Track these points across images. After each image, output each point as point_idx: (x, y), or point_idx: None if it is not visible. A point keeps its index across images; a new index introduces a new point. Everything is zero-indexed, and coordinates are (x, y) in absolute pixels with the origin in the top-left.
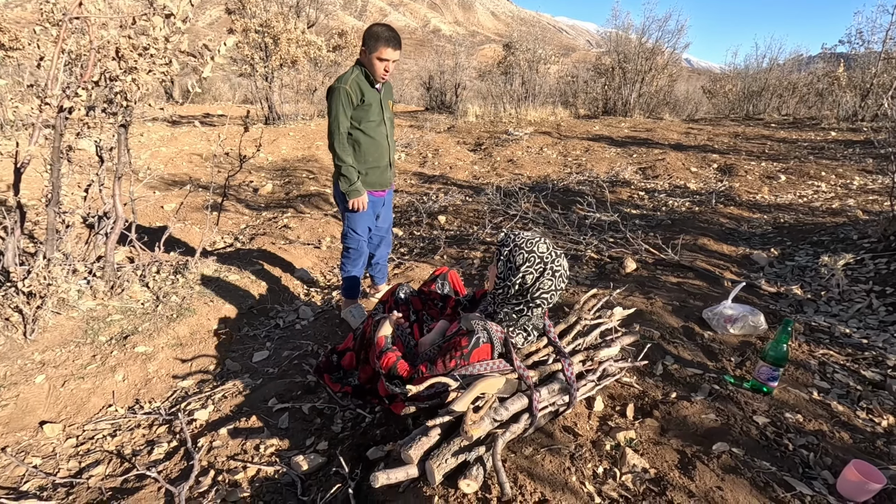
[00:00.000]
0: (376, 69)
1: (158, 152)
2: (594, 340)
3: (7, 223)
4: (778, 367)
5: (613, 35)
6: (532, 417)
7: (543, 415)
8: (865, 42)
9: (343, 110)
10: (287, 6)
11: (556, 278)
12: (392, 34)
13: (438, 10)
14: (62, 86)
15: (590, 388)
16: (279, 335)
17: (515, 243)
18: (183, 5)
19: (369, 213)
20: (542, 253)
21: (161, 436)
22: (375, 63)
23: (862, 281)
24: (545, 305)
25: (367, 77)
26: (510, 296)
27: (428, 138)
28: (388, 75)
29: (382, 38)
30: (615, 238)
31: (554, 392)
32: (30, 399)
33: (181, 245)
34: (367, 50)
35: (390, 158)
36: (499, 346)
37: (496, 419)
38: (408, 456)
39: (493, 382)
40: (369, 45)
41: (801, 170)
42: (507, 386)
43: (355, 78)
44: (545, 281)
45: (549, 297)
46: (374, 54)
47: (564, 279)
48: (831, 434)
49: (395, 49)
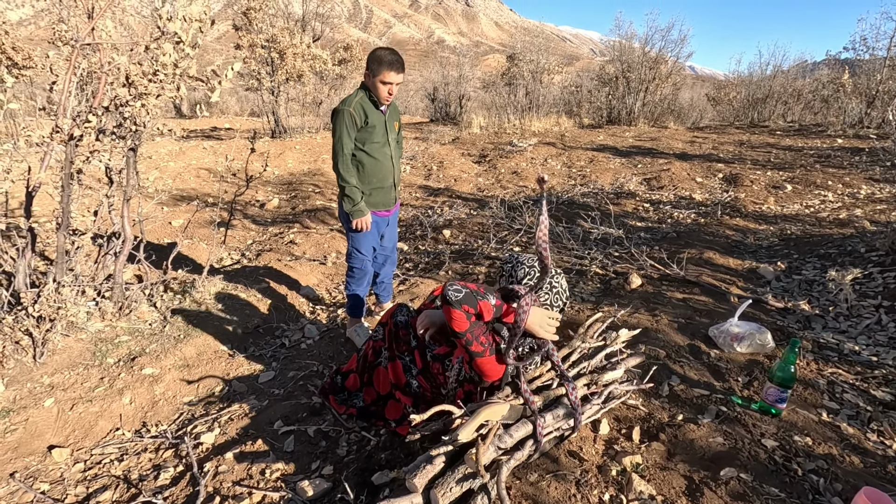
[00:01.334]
0: (380, 92)
1: (167, 167)
2: (599, 363)
3: (19, 245)
4: (786, 389)
5: (617, 44)
6: (536, 444)
7: (548, 440)
8: (870, 49)
9: (347, 132)
10: (293, 21)
11: (553, 293)
12: (395, 58)
13: (442, 21)
14: (72, 113)
15: (595, 411)
16: (285, 355)
17: (518, 260)
18: (192, 31)
19: (373, 233)
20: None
21: (167, 460)
22: (379, 86)
23: (870, 296)
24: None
25: (371, 99)
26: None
27: (433, 150)
28: (391, 98)
29: (385, 62)
30: (620, 252)
31: (559, 417)
32: (39, 423)
33: (189, 262)
34: (371, 73)
35: (395, 179)
36: (511, 368)
37: (500, 447)
38: (412, 484)
39: (497, 409)
40: (373, 68)
41: (808, 179)
42: (511, 412)
43: (359, 100)
44: (542, 294)
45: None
46: (378, 77)
47: (563, 297)
48: (841, 458)
49: (399, 72)
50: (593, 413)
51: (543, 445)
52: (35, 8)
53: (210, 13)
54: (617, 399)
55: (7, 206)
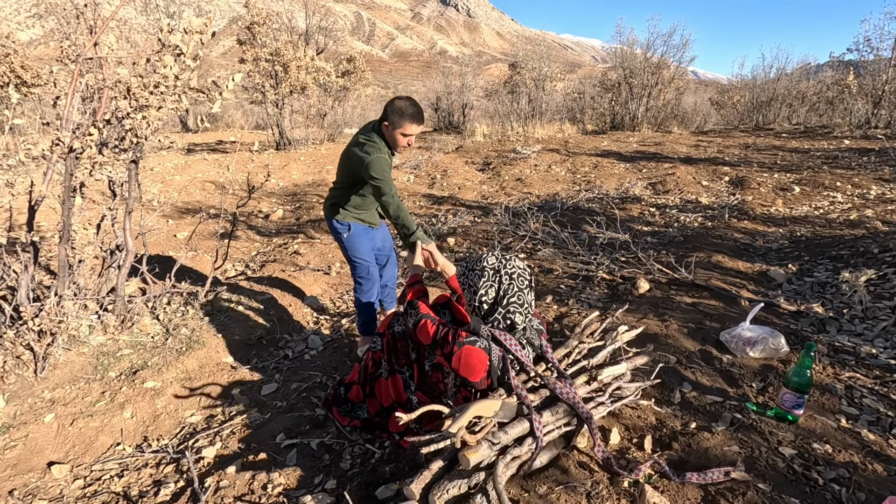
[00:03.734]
0: (399, 143)
1: (172, 180)
2: (600, 361)
3: (22, 259)
4: (802, 394)
5: (619, 50)
6: (536, 441)
7: (552, 439)
8: (874, 49)
9: (389, 174)
10: (296, 35)
11: (516, 279)
12: (416, 109)
13: (445, 32)
14: (74, 126)
15: (602, 411)
16: (288, 366)
17: (468, 268)
18: (193, 44)
19: (366, 238)
20: (492, 263)
21: (168, 475)
22: (399, 138)
23: (886, 297)
24: (520, 310)
25: (387, 145)
26: (485, 316)
27: (436, 159)
28: (409, 148)
29: (408, 115)
30: (627, 257)
31: (559, 414)
32: (38, 439)
33: (193, 274)
34: (392, 125)
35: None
36: (496, 361)
37: (494, 443)
38: (410, 491)
39: (488, 404)
40: (393, 120)
41: (816, 180)
42: (505, 410)
43: (386, 151)
44: (505, 286)
45: (518, 298)
46: (399, 130)
47: (525, 278)
48: (863, 466)
49: (419, 124)
50: (601, 412)
51: (543, 441)
52: (45, 28)
53: (211, 26)
54: (625, 398)
55: (11, 220)
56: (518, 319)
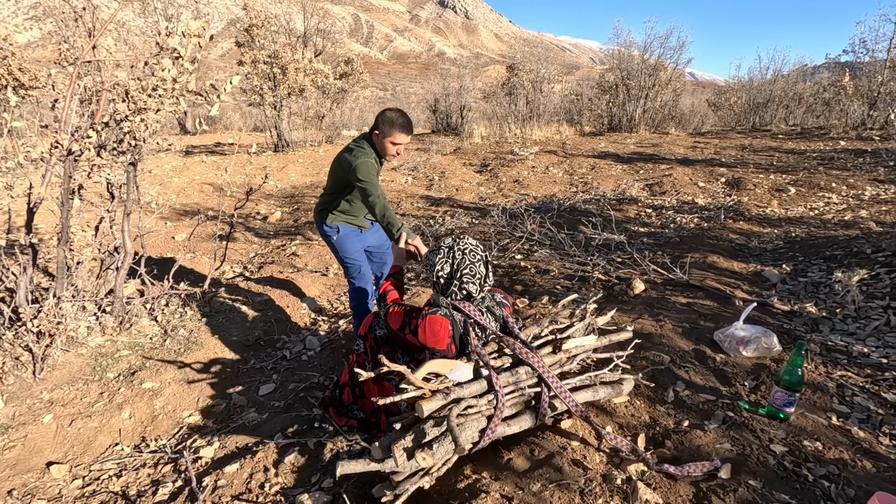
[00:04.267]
0: (389, 151)
1: (171, 182)
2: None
3: (21, 261)
4: (794, 392)
5: (616, 52)
6: (496, 395)
7: (515, 401)
8: (870, 51)
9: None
10: (295, 37)
11: (468, 253)
12: (406, 120)
13: (443, 34)
14: (73, 129)
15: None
16: (286, 367)
17: (429, 250)
18: (191, 46)
19: (356, 238)
20: (448, 242)
21: (166, 475)
22: (388, 146)
23: (878, 297)
24: (473, 280)
25: (376, 152)
26: (443, 290)
27: (434, 161)
28: (397, 157)
29: (397, 125)
30: (623, 258)
31: (519, 375)
32: (37, 439)
33: (191, 275)
34: (382, 134)
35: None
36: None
37: (448, 394)
38: (374, 449)
39: (446, 362)
40: (384, 129)
41: (811, 181)
42: (462, 371)
43: (374, 158)
44: (458, 259)
45: (470, 270)
46: (389, 139)
47: (478, 253)
48: (853, 463)
49: (408, 134)
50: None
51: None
52: (42, 31)
53: (209, 29)
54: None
55: (10, 223)
56: (472, 289)
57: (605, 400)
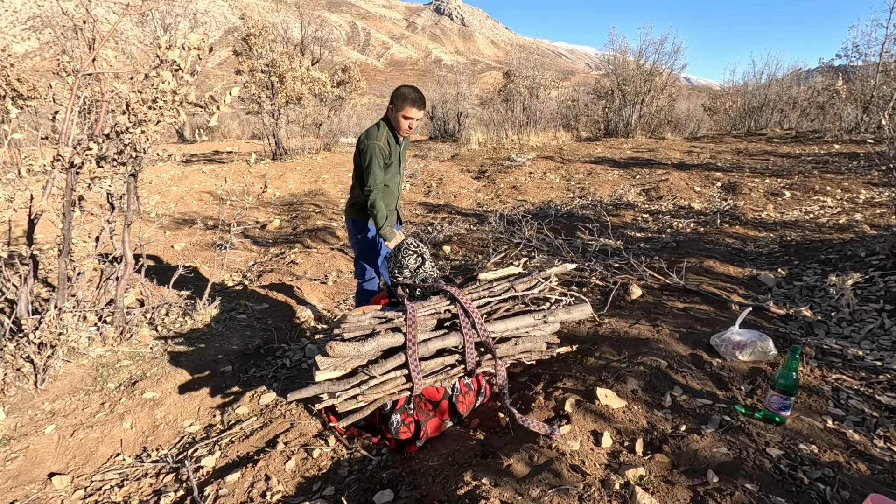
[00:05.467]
0: (402, 125)
1: (169, 191)
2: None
3: (21, 272)
4: (789, 396)
5: (611, 58)
6: (404, 311)
7: (426, 312)
8: (862, 55)
9: (378, 164)
10: (292, 45)
11: (403, 250)
12: (418, 95)
13: (439, 41)
14: (74, 141)
15: (481, 303)
16: (286, 375)
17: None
18: (190, 59)
19: (382, 245)
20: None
21: (168, 485)
22: (401, 120)
23: (872, 300)
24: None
25: (392, 132)
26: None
27: (432, 167)
28: (411, 131)
29: (409, 99)
30: (620, 263)
31: (434, 301)
32: (39, 450)
33: (191, 284)
34: (395, 108)
35: (397, 203)
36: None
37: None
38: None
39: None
40: (396, 104)
41: (806, 185)
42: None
43: (386, 136)
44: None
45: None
46: (401, 112)
47: (411, 249)
48: (848, 465)
49: (420, 109)
50: (479, 302)
51: (416, 314)
52: (40, 40)
53: (209, 41)
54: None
55: (11, 234)
56: (410, 263)
57: (560, 325)
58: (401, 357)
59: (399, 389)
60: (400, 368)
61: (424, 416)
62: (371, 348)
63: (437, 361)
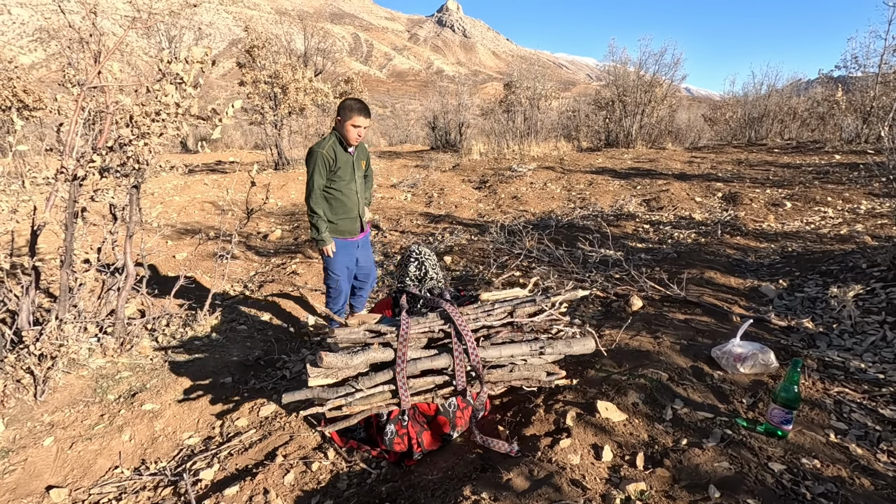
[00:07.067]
0: (350, 134)
1: (172, 201)
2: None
3: (23, 283)
4: (791, 410)
5: (612, 69)
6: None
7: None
8: (861, 66)
9: (319, 171)
10: (295, 57)
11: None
12: (362, 105)
13: (441, 52)
14: (77, 153)
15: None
16: (286, 386)
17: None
18: (193, 72)
19: (344, 255)
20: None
21: (166, 498)
22: (350, 129)
23: (874, 311)
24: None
25: (340, 142)
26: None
27: (433, 177)
28: (360, 139)
29: (355, 109)
30: (621, 274)
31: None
32: (37, 463)
33: (192, 295)
34: (343, 119)
35: (360, 211)
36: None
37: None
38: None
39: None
40: (344, 114)
41: (807, 195)
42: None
43: (331, 144)
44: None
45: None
46: (349, 122)
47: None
48: (851, 480)
49: (366, 117)
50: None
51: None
52: (47, 52)
53: (211, 54)
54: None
55: (14, 245)
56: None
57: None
58: (389, 373)
59: (387, 403)
60: (388, 384)
61: (418, 428)
62: (360, 361)
63: (427, 380)
